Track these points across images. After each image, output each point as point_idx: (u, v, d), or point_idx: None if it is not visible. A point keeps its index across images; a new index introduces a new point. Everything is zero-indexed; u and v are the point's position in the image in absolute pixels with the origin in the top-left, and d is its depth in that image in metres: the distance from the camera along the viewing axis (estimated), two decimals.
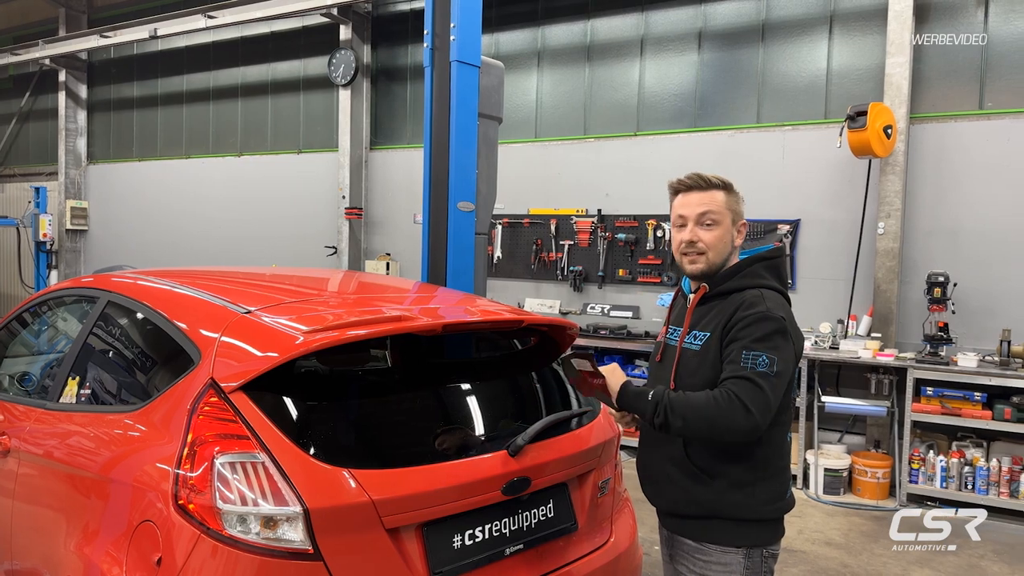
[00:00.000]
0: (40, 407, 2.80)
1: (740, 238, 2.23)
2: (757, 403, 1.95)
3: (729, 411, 1.95)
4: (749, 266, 2.18)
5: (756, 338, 2.01)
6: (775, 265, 2.21)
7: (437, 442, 2.30)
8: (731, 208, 2.21)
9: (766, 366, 1.98)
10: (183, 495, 2.01)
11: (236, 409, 2.06)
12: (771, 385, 1.98)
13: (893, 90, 6.27)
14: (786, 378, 2.03)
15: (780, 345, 2.01)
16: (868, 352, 6.05)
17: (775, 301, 2.10)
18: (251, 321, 2.29)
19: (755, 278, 2.16)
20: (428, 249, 5.26)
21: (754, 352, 1.99)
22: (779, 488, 2.14)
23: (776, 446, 2.12)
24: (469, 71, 5.09)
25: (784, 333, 2.03)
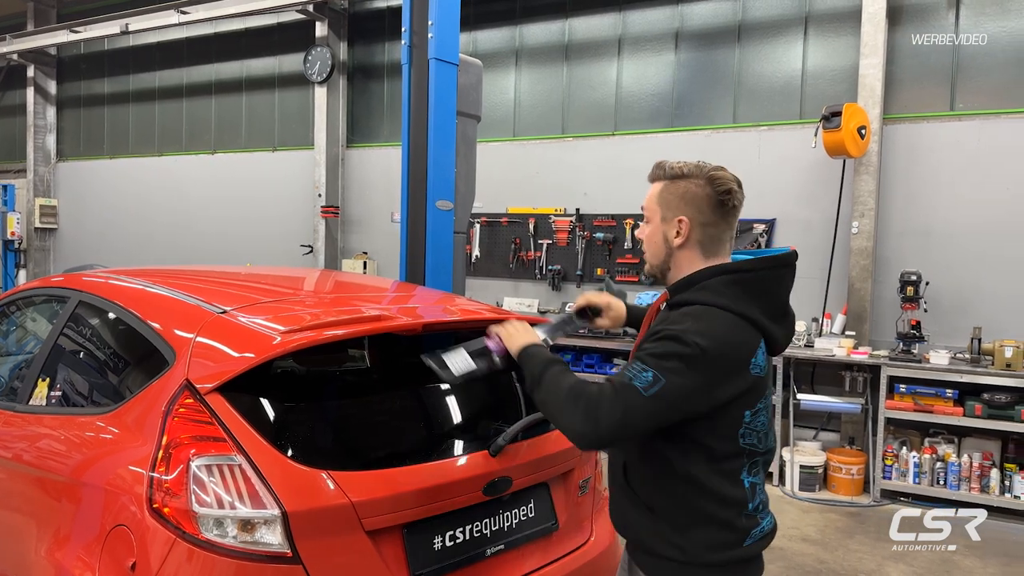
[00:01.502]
0: (9, 409, 2.73)
1: (680, 238, 1.83)
2: (605, 415, 1.69)
3: (573, 409, 1.73)
4: (708, 278, 1.80)
5: (653, 353, 1.71)
6: (746, 281, 1.79)
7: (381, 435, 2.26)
8: (663, 202, 1.87)
9: (644, 383, 1.68)
10: (158, 498, 1.97)
11: (212, 411, 2.02)
12: (636, 402, 1.68)
13: (867, 91, 6.35)
14: (672, 404, 1.69)
15: (676, 371, 1.67)
16: (842, 350, 6.12)
17: (711, 325, 1.72)
18: (227, 321, 2.25)
19: (710, 293, 1.78)
20: (406, 248, 5.23)
21: (642, 365, 1.70)
22: (725, 539, 1.79)
23: (714, 494, 1.77)
24: (447, 69, 5.07)
25: (691, 361, 1.67)
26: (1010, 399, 5.47)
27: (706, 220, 1.82)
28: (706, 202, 1.82)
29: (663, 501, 1.82)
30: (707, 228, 1.83)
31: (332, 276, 3.88)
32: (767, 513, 1.89)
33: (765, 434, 1.82)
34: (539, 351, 1.95)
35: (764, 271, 1.81)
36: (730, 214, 1.85)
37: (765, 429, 1.82)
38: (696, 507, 1.78)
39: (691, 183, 1.83)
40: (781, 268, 1.83)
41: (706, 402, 1.71)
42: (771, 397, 1.91)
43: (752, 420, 1.78)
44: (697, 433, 1.76)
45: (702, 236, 1.83)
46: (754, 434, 1.79)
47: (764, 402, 1.81)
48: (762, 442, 1.82)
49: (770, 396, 1.88)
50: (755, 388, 1.77)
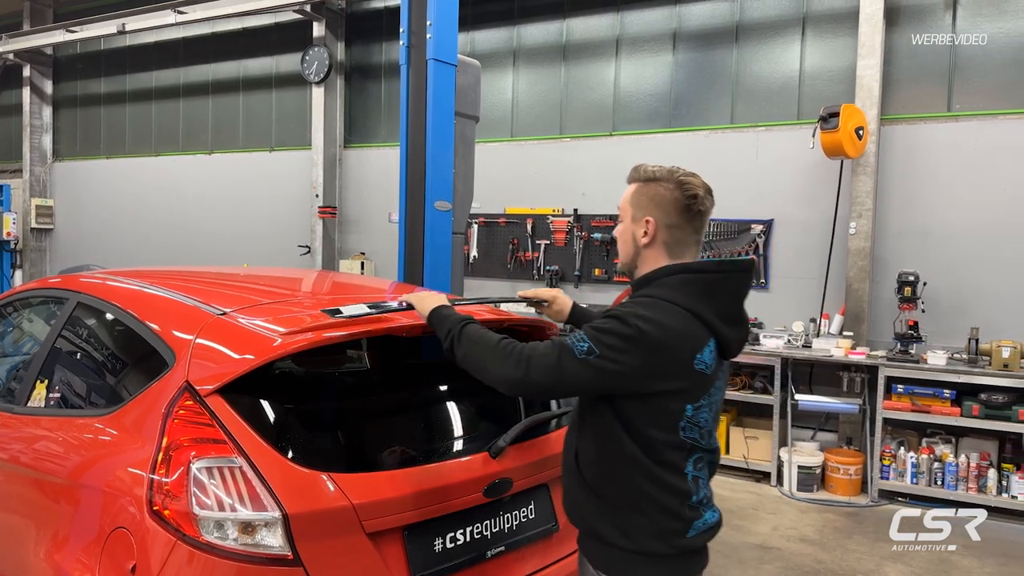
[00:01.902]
0: (7, 411, 2.72)
1: (647, 237, 1.91)
2: (537, 363, 1.79)
3: (505, 356, 1.83)
4: (667, 276, 1.87)
5: (595, 327, 1.80)
6: (701, 281, 1.85)
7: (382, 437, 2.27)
8: (634, 203, 1.96)
9: (580, 350, 1.77)
10: (158, 501, 1.96)
11: (212, 413, 2.02)
12: (569, 361, 1.76)
13: (864, 92, 6.36)
14: (602, 375, 1.76)
15: (612, 347, 1.74)
16: (840, 351, 6.12)
17: (657, 314, 1.78)
18: (227, 323, 2.25)
19: (665, 289, 1.85)
20: (405, 248, 5.22)
21: (583, 335, 1.79)
22: (669, 526, 1.85)
23: (658, 481, 1.83)
24: (446, 69, 5.06)
25: (629, 341, 1.74)
26: (1007, 399, 5.48)
27: (672, 222, 1.91)
28: (673, 205, 1.91)
29: (610, 486, 1.88)
30: (672, 230, 1.91)
31: (330, 277, 3.88)
32: (711, 508, 1.97)
33: (708, 432, 1.89)
34: (451, 311, 2.05)
35: (719, 274, 1.88)
36: (696, 218, 1.92)
37: (708, 427, 1.89)
38: (642, 492, 1.84)
39: (661, 186, 1.92)
40: (737, 273, 1.91)
41: (639, 386, 1.78)
42: (719, 399, 1.93)
43: (694, 415, 1.84)
44: (639, 422, 1.83)
45: (667, 237, 1.92)
46: (695, 429, 1.85)
47: (708, 400, 1.86)
48: (704, 439, 1.89)
49: (717, 397, 1.91)
50: (699, 384, 1.83)
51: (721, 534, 2.04)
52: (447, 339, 1.98)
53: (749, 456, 6.37)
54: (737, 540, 4.96)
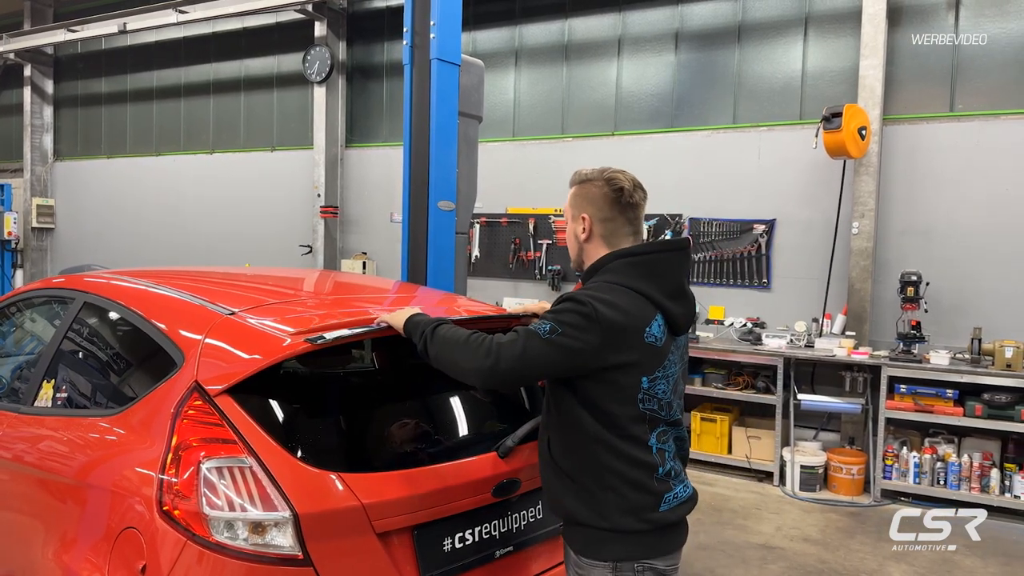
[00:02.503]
0: (13, 411, 2.72)
1: (584, 232, 2.09)
2: (506, 351, 1.90)
3: (475, 349, 1.93)
4: (609, 262, 2.04)
5: (553, 310, 1.97)
6: (640, 262, 2.01)
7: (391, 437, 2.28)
8: (572, 203, 2.15)
9: (543, 331, 1.90)
10: (168, 501, 1.96)
11: (222, 412, 2.02)
12: (535, 343, 1.89)
13: (867, 92, 6.36)
14: (566, 352, 1.89)
15: (572, 324, 1.89)
16: (843, 350, 6.13)
17: (607, 294, 1.94)
18: (235, 322, 2.25)
19: (610, 274, 2.02)
20: (408, 248, 5.22)
21: (542, 320, 1.94)
22: (639, 501, 1.95)
23: (623, 455, 1.95)
24: (449, 69, 5.06)
25: (586, 318, 1.89)
26: (1010, 399, 5.49)
27: (604, 216, 2.09)
28: (603, 200, 2.09)
29: (580, 466, 1.99)
30: (606, 223, 2.09)
31: (334, 277, 3.88)
32: (682, 482, 2.07)
33: (668, 403, 2.01)
34: (423, 317, 2.13)
35: (655, 254, 2.04)
36: (627, 209, 2.09)
37: (667, 399, 2.01)
38: (609, 467, 1.95)
39: (592, 185, 2.11)
40: (672, 252, 2.08)
41: (599, 360, 1.91)
42: (674, 373, 2.04)
43: (651, 387, 1.96)
44: (599, 399, 1.95)
45: (603, 230, 2.09)
46: (654, 400, 1.98)
47: (663, 372, 1.99)
48: (664, 411, 2.00)
49: (672, 371, 2.03)
50: (651, 356, 1.96)
51: (725, 534, 2.07)
52: (420, 340, 2.07)
53: (751, 456, 6.37)
54: (741, 540, 4.96)
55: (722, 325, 6.98)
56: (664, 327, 1.99)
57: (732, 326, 6.88)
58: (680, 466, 2.09)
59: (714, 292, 7.14)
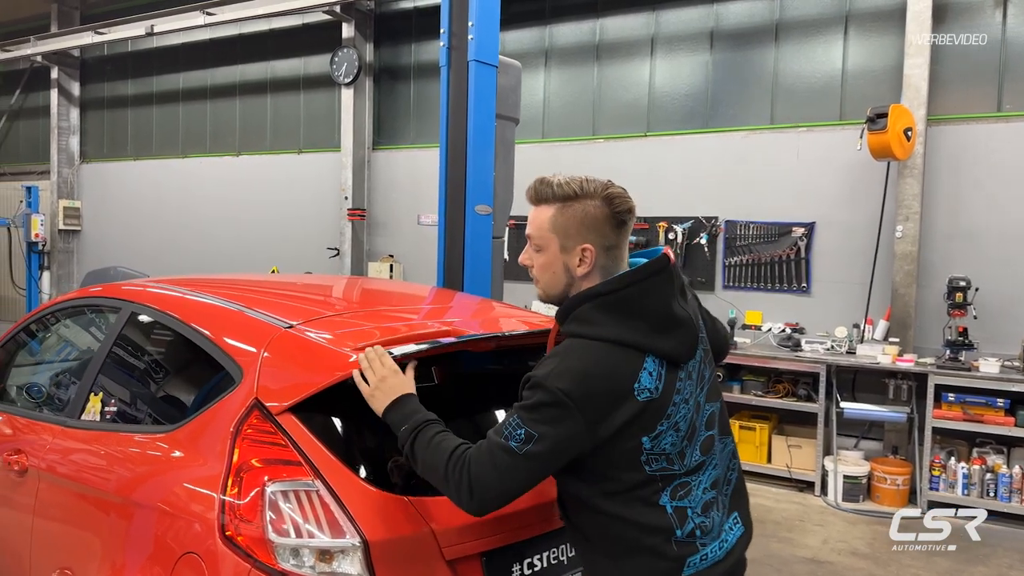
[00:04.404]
0: (59, 424, 2.65)
1: (584, 266, 1.74)
2: (483, 485, 1.63)
3: (455, 488, 1.66)
4: (577, 306, 1.72)
5: (524, 405, 1.65)
6: (611, 303, 1.68)
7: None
8: (559, 229, 1.75)
9: (518, 441, 1.61)
10: (230, 525, 1.87)
11: (285, 432, 1.93)
12: (512, 467, 1.61)
13: (911, 91, 6.19)
14: (551, 457, 1.63)
15: (547, 421, 1.60)
16: (887, 357, 5.96)
17: (576, 362, 1.64)
18: (295, 336, 2.15)
19: (579, 324, 1.70)
20: (444, 253, 5.13)
21: (517, 421, 1.64)
22: (658, 568, 1.70)
23: (634, 522, 1.68)
24: (487, 71, 4.97)
25: (559, 408, 1.60)
26: None
27: (609, 243, 1.75)
28: (607, 224, 1.74)
29: (593, 530, 1.76)
30: (611, 251, 1.75)
31: (377, 285, 3.79)
32: (716, 538, 1.75)
33: (679, 454, 1.69)
34: (406, 410, 1.80)
35: (629, 288, 1.69)
36: (628, 231, 1.79)
37: (678, 449, 1.69)
38: (621, 535, 1.70)
39: (588, 205, 1.74)
40: (648, 279, 1.71)
41: (590, 441, 1.63)
42: (687, 413, 1.71)
43: (655, 445, 1.66)
44: (597, 467, 1.68)
45: (606, 260, 1.75)
46: (662, 458, 1.68)
47: (667, 423, 1.67)
48: (677, 463, 1.69)
49: (683, 413, 1.70)
50: (648, 412, 1.65)
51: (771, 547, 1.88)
52: (402, 449, 1.79)
53: (792, 465, 6.22)
54: (787, 553, 4.82)
55: (760, 331, 6.83)
56: (660, 368, 1.67)
57: (770, 331, 6.73)
58: (716, 518, 1.76)
59: (751, 296, 6.99)
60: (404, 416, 1.80)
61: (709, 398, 1.82)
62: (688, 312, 1.77)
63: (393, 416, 1.81)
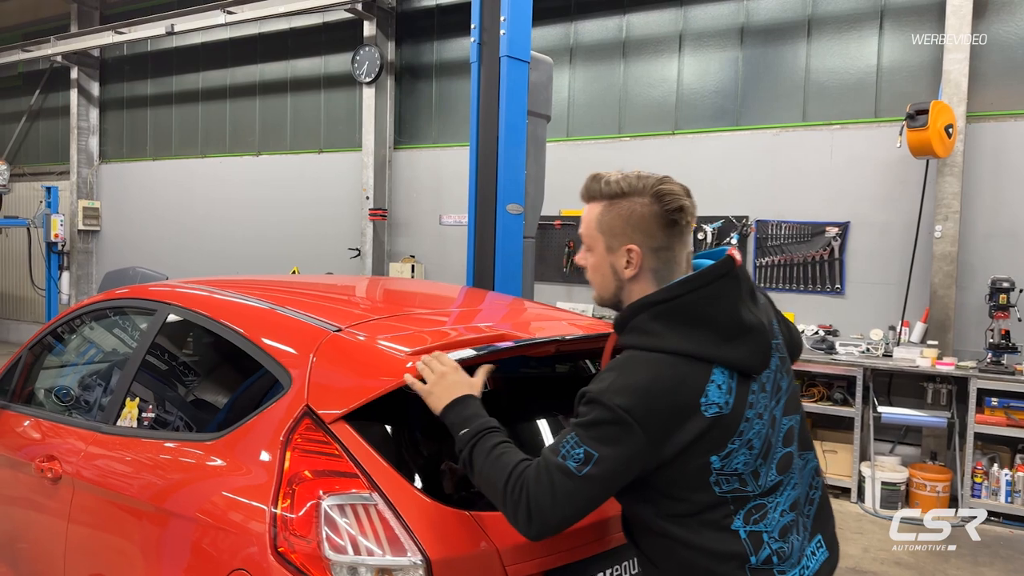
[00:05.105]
0: (95, 430, 2.55)
1: (632, 268, 1.63)
2: (542, 510, 1.52)
3: (514, 506, 1.54)
4: (633, 316, 1.61)
5: (581, 423, 1.54)
6: (672, 311, 1.56)
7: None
8: (605, 228, 1.66)
9: (577, 462, 1.50)
10: (283, 541, 1.76)
11: (340, 441, 1.82)
12: (572, 490, 1.51)
13: (951, 87, 6.03)
14: (609, 482, 1.53)
15: (606, 440, 1.50)
16: (926, 360, 5.80)
17: (636, 377, 1.53)
18: (346, 340, 2.04)
19: (637, 335, 1.59)
20: (474, 253, 5.03)
21: (575, 440, 1.53)
22: None
23: (702, 548, 1.57)
24: (519, 67, 4.88)
25: (619, 424, 1.49)
26: None
27: (658, 244, 1.62)
28: (656, 223, 1.62)
29: (660, 555, 1.64)
30: (660, 252, 1.63)
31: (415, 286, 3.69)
32: (793, 566, 1.61)
33: (753, 474, 1.57)
34: (466, 413, 1.68)
35: (691, 294, 1.56)
36: (686, 232, 1.65)
37: (751, 468, 1.57)
38: (690, 562, 1.58)
39: (634, 202, 1.63)
40: (712, 284, 1.58)
41: (654, 460, 1.53)
42: (761, 429, 1.57)
43: (725, 464, 1.54)
44: (663, 488, 1.57)
45: (655, 263, 1.63)
46: (734, 479, 1.55)
47: (739, 440, 1.54)
48: (750, 483, 1.57)
49: (756, 430, 1.57)
50: (717, 429, 1.52)
51: None
52: (459, 456, 1.68)
53: (827, 471, 6.07)
54: None
55: None
56: (730, 381, 1.54)
57: (803, 334, 6.57)
58: (796, 542, 1.63)
59: (783, 298, 6.84)
60: (465, 419, 1.68)
61: (787, 411, 1.67)
62: (759, 318, 1.63)
63: (453, 416, 1.70)
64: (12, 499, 2.98)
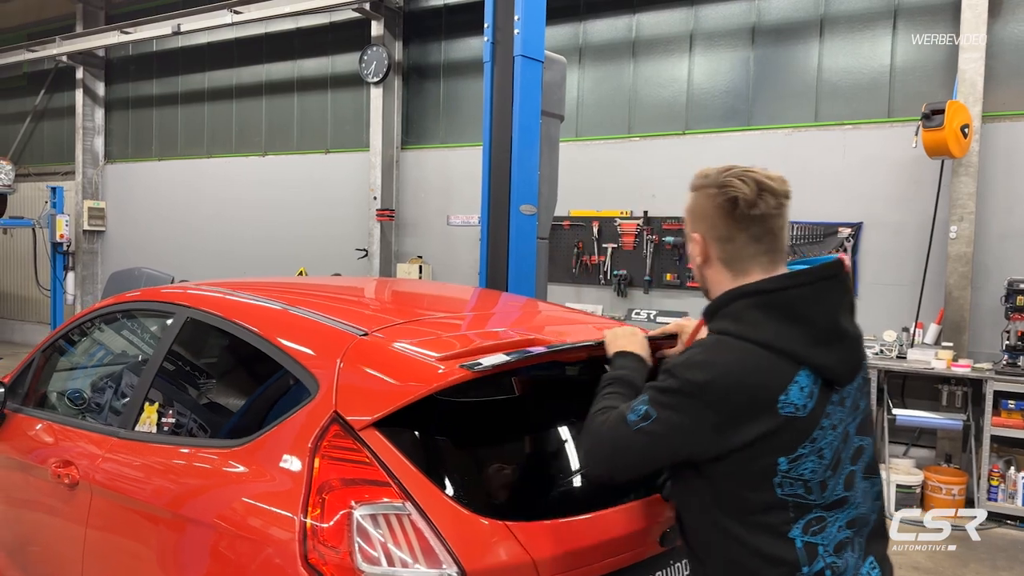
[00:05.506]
0: (112, 435, 2.51)
1: (700, 256, 1.66)
2: (601, 450, 1.60)
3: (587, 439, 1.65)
4: (729, 303, 1.59)
5: (655, 386, 1.57)
6: (771, 303, 1.53)
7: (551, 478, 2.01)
8: (686, 218, 1.70)
9: (637, 416, 1.55)
10: (313, 551, 1.72)
11: (371, 449, 1.77)
12: (624, 439, 1.55)
13: (966, 87, 5.98)
14: (660, 447, 1.54)
15: (669, 406, 1.52)
16: (941, 362, 5.75)
17: (719, 358, 1.52)
18: (374, 345, 2.00)
19: (729, 321, 1.57)
20: (487, 254, 4.98)
21: (644, 398, 1.57)
22: None
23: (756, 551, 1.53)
24: (533, 66, 4.84)
25: (685, 397, 1.51)
26: None
27: (720, 234, 1.61)
28: (716, 212, 1.60)
29: (710, 552, 1.62)
30: (723, 244, 1.61)
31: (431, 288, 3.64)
32: None
33: (820, 484, 1.53)
34: (620, 363, 1.83)
35: (795, 289, 1.53)
36: (752, 224, 1.58)
37: (819, 478, 1.52)
38: (740, 562, 1.55)
39: (704, 193, 1.63)
40: (819, 283, 1.55)
41: (715, 444, 1.51)
42: (833, 442, 1.54)
43: (792, 468, 1.50)
44: (724, 480, 1.55)
45: (721, 253, 1.62)
46: (798, 484, 1.51)
47: (811, 446, 1.51)
48: (815, 493, 1.53)
49: (828, 440, 1.53)
50: (789, 430, 1.49)
51: None
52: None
53: None
54: None
55: None
56: (813, 386, 1.50)
57: None
58: (851, 560, 1.57)
59: None
60: (616, 366, 1.82)
61: (860, 431, 1.64)
62: (856, 330, 1.61)
63: (616, 361, 1.85)
64: (24, 502, 2.95)
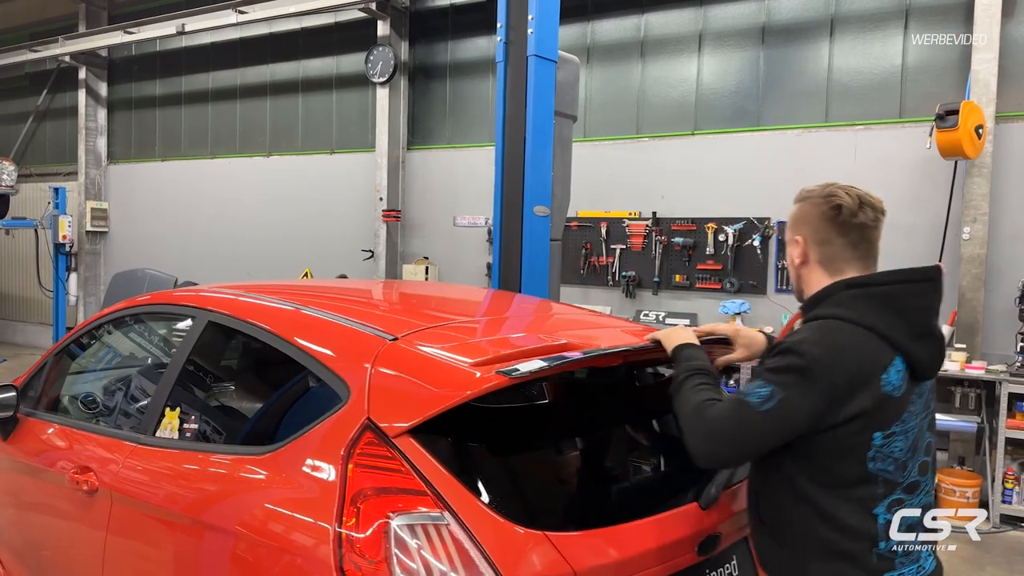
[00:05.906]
0: (132, 441, 2.46)
1: (799, 257, 1.84)
2: (723, 434, 1.67)
3: (697, 428, 1.70)
4: (835, 293, 1.74)
5: (770, 367, 1.68)
6: (875, 295, 1.70)
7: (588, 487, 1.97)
8: (789, 224, 1.89)
9: (760, 398, 1.64)
10: (348, 562, 1.67)
11: (406, 457, 1.73)
12: (750, 421, 1.64)
13: (980, 87, 5.94)
14: (786, 424, 1.63)
15: (792, 384, 1.62)
16: (955, 364, 5.71)
17: (831, 336, 1.66)
18: (405, 350, 1.96)
19: (836, 307, 1.71)
20: (500, 255, 4.94)
21: (761, 381, 1.67)
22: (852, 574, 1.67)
23: (835, 521, 1.66)
24: (546, 66, 4.79)
25: (807, 373, 1.61)
26: None
27: (821, 238, 1.80)
28: (819, 219, 1.80)
29: (786, 529, 1.74)
30: (823, 246, 1.80)
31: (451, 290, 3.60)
32: (912, 563, 1.71)
33: (904, 464, 1.68)
34: (691, 353, 1.91)
35: (895, 285, 1.72)
36: (851, 231, 1.77)
37: (905, 458, 1.68)
38: (817, 535, 1.68)
39: (809, 202, 1.84)
40: (917, 282, 1.74)
41: (829, 417, 1.63)
42: (916, 428, 1.70)
43: (885, 444, 1.65)
44: (819, 452, 1.67)
45: (819, 255, 1.81)
46: (888, 460, 1.66)
47: (901, 426, 1.67)
48: (900, 472, 1.68)
49: (913, 424, 1.70)
50: (887, 408, 1.65)
51: None
52: (673, 386, 1.86)
53: None
54: None
55: None
56: (905, 372, 1.68)
57: None
58: (921, 551, 1.74)
59: None
60: (688, 357, 1.90)
61: (929, 427, 1.80)
62: (941, 332, 1.78)
63: (681, 353, 1.92)
64: (37, 506, 2.91)
